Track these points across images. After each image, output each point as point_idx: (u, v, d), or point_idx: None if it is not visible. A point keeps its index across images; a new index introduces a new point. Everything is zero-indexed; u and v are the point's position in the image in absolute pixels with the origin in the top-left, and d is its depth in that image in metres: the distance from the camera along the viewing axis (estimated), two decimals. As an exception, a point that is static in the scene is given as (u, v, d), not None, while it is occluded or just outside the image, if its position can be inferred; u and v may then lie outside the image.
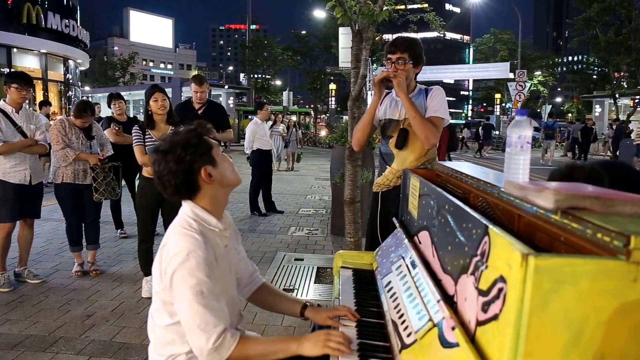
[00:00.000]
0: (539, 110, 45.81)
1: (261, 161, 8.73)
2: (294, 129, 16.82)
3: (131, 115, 7.40)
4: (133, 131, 4.41)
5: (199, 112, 5.59)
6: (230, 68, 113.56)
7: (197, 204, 1.80)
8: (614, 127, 22.35)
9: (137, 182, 6.68)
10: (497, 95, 41.81)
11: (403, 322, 1.64)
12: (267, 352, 1.72)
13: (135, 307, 4.22)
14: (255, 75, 42.70)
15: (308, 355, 1.71)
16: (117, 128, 6.33)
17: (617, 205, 1.13)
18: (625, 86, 33.13)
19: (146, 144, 4.30)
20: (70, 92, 26.58)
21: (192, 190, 1.78)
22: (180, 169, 1.72)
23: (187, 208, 1.80)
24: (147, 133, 4.32)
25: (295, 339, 1.74)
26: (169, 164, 1.72)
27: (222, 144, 7.74)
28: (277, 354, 1.73)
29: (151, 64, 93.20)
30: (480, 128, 24.97)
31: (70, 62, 26.59)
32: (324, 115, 51.34)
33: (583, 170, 1.81)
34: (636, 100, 29.97)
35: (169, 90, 28.69)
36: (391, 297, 1.90)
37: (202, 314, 1.63)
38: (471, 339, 1.21)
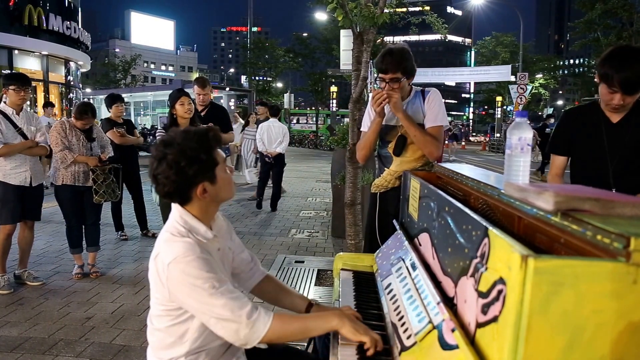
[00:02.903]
0: (540, 114, 45.83)
1: None
2: None
3: (132, 118, 7.39)
4: (157, 133, 4.43)
5: (202, 114, 5.60)
6: (232, 70, 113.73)
7: (187, 211, 1.78)
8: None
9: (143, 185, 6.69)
10: (499, 98, 41.79)
11: (403, 324, 1.64)
12: (306, 329, 1.70)
13: (135, 309, 4.21)
14: (257, 78, 42.70)
15: (344, 335, 1.66)
16: (120, 131, 6.35)
17: (617, 207, 1.13)
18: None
19: None
20: (71, 94, 26.62)
21: (184, 200, 1.76)
22: (178, 180, 1.69)
23: (176, 214, 1.78)
24: None
25: (337, 315, 1.70)
26: (170, 170, 1.67)
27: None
28: (315, 330, 1.70)
29: (152, 65, 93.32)
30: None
31: (72, 64, 26.63)
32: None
33: None
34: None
35: (169, 93, 28.82)
36: (391, 299, 1.89)
37: (223, 303, 1.60)
38: (471, 341, 1.21)
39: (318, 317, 1.74)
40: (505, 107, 41.24)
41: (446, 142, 26.22)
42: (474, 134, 54.24)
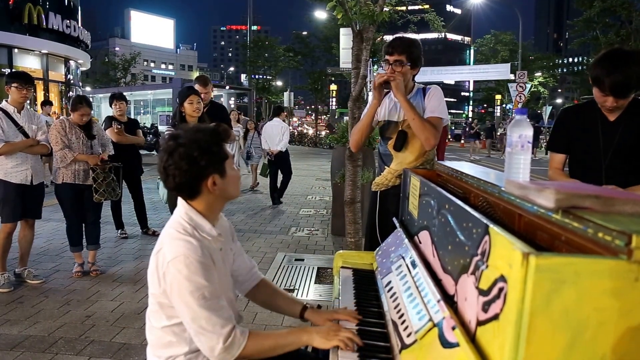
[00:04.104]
0: (539, 112, 45.85)
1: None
2: (255, 133, 11.69)
3: (132, 116, 7.37)
4: (167, 131, 4.46)
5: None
6: (232, 69, 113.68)
7: (192, 207, 1.78)
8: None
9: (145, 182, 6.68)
10: (498, 97, 41.81)
11: (403, 322, 1.64)
12: (278, 346, 1.73)
13: (135, 307, 4.21)
14: (257, 76, 42.69)
15: (317, 347, 1.73)
16: (118, 127, 6.33)
17: (618, 205, 1.13)
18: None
19: None
20: (71, 93, 26.58)
21: (193, 193, 1.76)
22: (190, 170, 1.69)
23: (182, 210, 1.78)
24: None
25: (305, 331, 1.76)
26: (182, 161, 1.68)
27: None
28: (287, 347, 1.74)
29: (152, 64, 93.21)
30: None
31: (72, 63, 26.62)
32: (324, 116, 51.53)
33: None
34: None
35: (169, 91, 28.68)
36: (391, 297, 1.89)
37: (208, 317, 1.63)
38: (471, 338, 1.21)
39: (290, 334, 1.77)
40: (504, 106, 41.24)
41: (471, 141, 26.05)
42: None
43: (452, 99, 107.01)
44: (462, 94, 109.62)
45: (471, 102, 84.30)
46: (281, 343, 1.73)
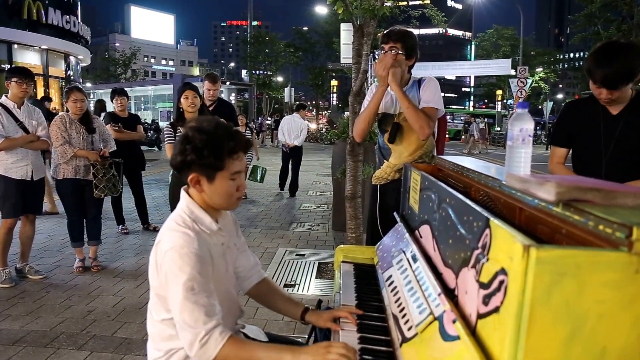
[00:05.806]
0: (540, 107, 45.83)
1: None
2: (247, 130, 10.44)
3: (132, 112, 7.37)
4: (165, 129, 4.51)
5: (210, 109, 5.64)
6: (232, 64, 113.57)
7: (193, 200, 1.78)
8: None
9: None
10: (499, 92, 41.75)
11: (404, 315, 1.64)
12: (258, 358, 1.62)
13: (136, 302, 4.22)
14: (257, 72, 42.67)
15: None
16: (116, 128, 6.34)
17: (619, 198, 1.13)
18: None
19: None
20: (71, 89, 26.48)
21: (184, 180, 1.78)
22: (180, 156, 1.71)
23: (184, 203, 1.78)
24: (178, 130, 4.38)
25: (291, 350, 1.63)
26: (181, 144, 1.71)
27: None
28: None
29: (152, 60, 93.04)
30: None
31: (72, 58, 26.58)
32: (325, 112, 51.55)
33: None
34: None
35: (170, 87, 28.68)
36: (392, 291, 1.89)
37: (192, 310, 1.60)
38: (472, 331, 1.21)
39: (272, 349, 1.67)
40: (505, 101, 41.19)
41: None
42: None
43: (453, 95, 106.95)
44: (463, 89, 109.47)
45: (472, 98, 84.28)
46: (261, 356, 1.62)
